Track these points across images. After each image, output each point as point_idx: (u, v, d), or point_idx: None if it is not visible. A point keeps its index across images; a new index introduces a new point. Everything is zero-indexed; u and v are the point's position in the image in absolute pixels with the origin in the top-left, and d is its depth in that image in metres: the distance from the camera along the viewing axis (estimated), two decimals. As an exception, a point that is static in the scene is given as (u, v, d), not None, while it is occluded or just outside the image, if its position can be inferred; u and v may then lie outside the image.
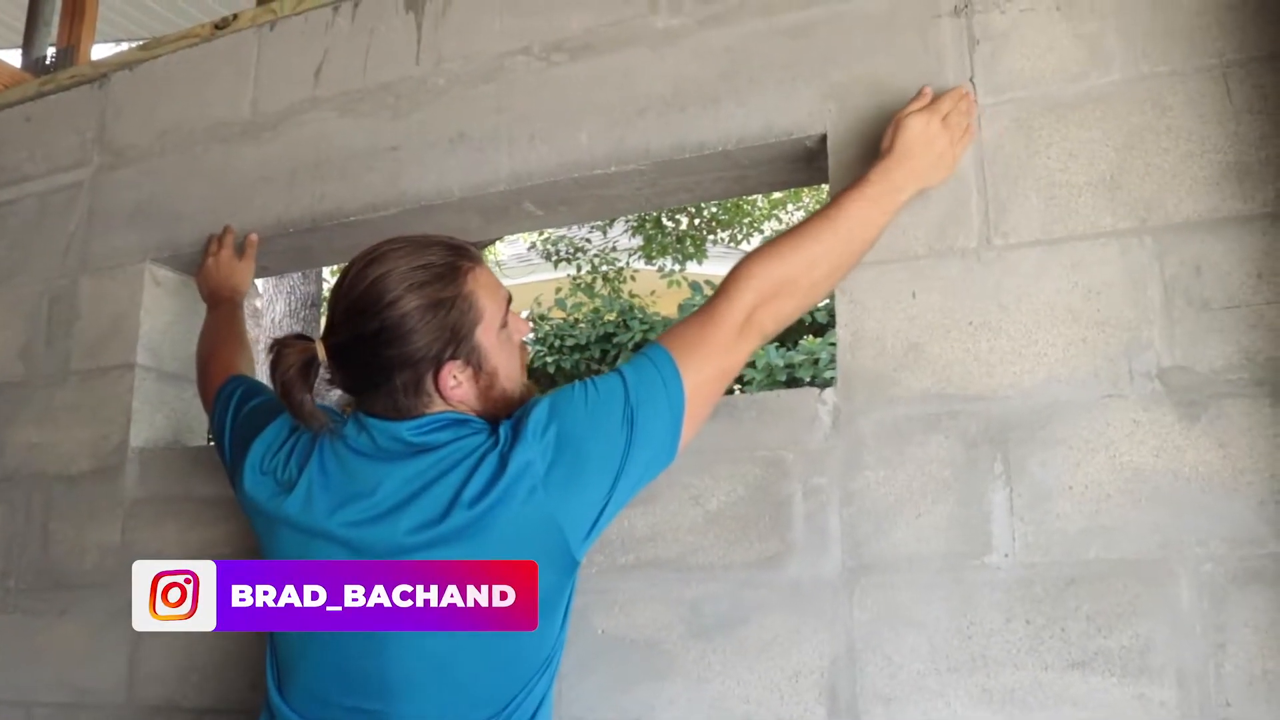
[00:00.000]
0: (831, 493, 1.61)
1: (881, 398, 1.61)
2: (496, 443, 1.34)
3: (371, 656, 1.35)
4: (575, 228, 10.67)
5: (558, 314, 8.20)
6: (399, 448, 1.39)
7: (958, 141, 1.57)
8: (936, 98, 1.58)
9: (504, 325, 1.44)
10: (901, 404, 1.59)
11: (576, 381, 1.39)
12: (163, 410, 2.31)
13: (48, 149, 2.55)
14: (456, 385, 1.39)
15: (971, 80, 1.63)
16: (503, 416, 1.40)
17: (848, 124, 1.71)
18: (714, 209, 9.78)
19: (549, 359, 7.62)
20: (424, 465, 1.36)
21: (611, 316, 7.90)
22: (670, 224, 9.64)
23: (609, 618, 1.72)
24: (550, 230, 10.64)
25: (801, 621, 1.59)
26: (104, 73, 2.52)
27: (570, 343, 7.72)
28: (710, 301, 1.44)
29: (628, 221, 9.91)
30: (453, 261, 1.40)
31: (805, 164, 1.82)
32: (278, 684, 1.46)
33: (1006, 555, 1.49)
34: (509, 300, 1.46)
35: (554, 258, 9.97)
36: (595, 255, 9.95)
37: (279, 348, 1.43)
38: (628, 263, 9.83)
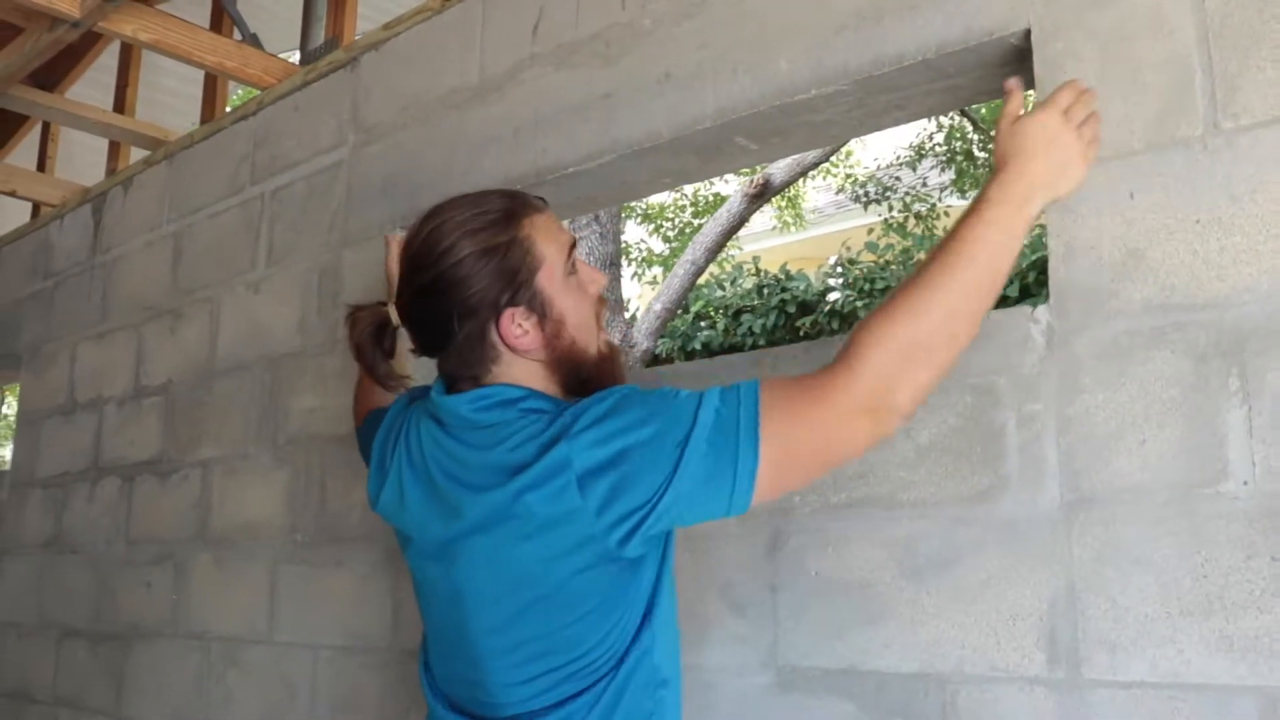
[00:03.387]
0: (1047, 420, 1.47)
1: (1099, 313, 1.45)
2: (544, 429, 1.27)
3: (460, 632, 1.38)
4: (882, 167, 10.35)
5: (868, 257, 7.94)
6: (461, 424, 1.36)
7: (1089, 142, 1.34)
8: (1050, 95, 1.35)
9: (572, 272, 1.39)
10: (1121, 318, 1.43)
11: (663, 387, 1.30)
12: (418, 373, 2.43)
13: (312, 133, 2.75)
14: (523, 334, 1.35)
15: (1192, -56, 1.43)
16: (578, 368, 1.37)
17: (1054, 14, 1.53)
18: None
19: (859, 304, 7.43)
20: (473, 444, 1.34)
21: (924, 255, 7.55)
22: (982, 155, 9.13)
23: (822, 559, 1.66)
24: (858, 172, 10.35)
25: (1017, 560, 1.47)
26: (355, 56, 2.67)
27: (880, 285, 7.47)
28: (832, 366, 1.25)
29: (937, 157, 9.51)
30: (509, 208, 1.37)
31: (1016, 65, 1.65)
32: (428, 670, 1.50)
33: (1245, 483, 1.31)
34: (572, 246, 1.40)
35: (863, 200, 9.67)
36: (905, 194, 9.58)
37: (352, 314, 1.48)
38: (940, 199, 9.42)
